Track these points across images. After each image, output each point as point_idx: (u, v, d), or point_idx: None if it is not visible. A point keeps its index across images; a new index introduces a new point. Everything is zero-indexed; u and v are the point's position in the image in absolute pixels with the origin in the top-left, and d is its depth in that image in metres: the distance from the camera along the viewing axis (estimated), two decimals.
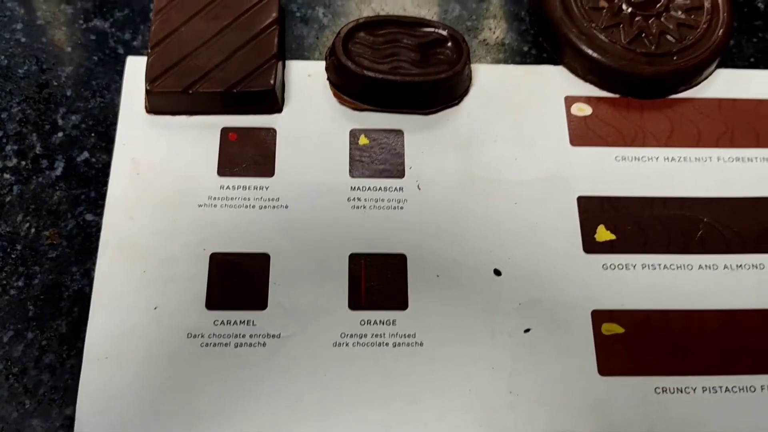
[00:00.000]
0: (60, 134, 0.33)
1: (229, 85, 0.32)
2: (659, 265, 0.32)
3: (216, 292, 0.30)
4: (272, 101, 0.33)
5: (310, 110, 0.34)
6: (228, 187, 0.32)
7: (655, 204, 0.33)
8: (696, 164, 0.34)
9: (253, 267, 0.31)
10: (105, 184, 0.32)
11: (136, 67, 0.34)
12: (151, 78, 0.32)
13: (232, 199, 0.32)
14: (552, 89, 0.35)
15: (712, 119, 0.35)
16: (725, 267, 0.32)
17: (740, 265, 0.32)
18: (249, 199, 0.32)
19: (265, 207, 0.32)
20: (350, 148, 0.33)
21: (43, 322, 0.30)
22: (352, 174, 0.33)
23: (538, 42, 0.36)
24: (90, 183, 0.32)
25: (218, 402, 0.28)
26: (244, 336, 0.29)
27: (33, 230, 0.31)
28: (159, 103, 0.33)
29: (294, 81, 0.35)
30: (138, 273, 0.30)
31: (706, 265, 0.32)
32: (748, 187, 0.33)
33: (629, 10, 0.35)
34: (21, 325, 0.29)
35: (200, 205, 0.32)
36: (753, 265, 0.32)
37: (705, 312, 0.31)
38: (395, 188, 0.33)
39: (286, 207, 0.32)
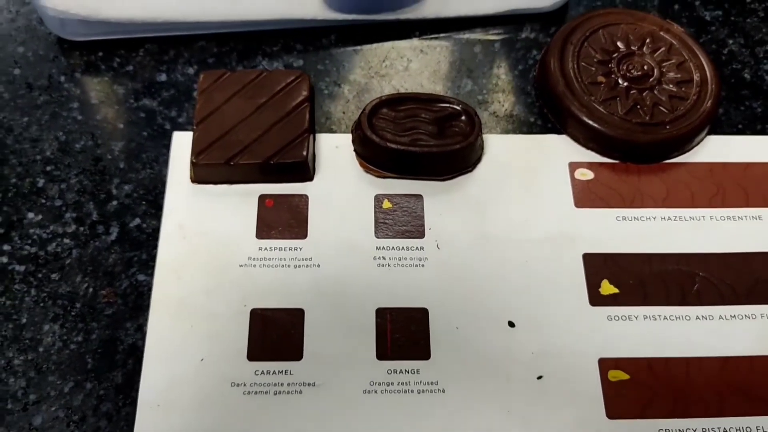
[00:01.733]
0: (114, 202, 0.37)
1: (267, 157, 0.36)
2: (659, 316, 0.35)
3: (256, 344, 0.33)
4: (305, 171, 0.37)
5: (339, 178, 0.38)
6: (265, 249, 0.36)
7: (654, 260, 0.36)
8: (690, 223, 0.37)
9: (289, 321, 0.34)
10: (155, 247, 0.35)
11: (181, 141, 0.38)
12: (197, 151, 0.36)
13: (269, 259, 0.35)
14: (557, 156, 0.39)
15: (704, 182, 0.38)
16: (720, 317, 0.35)
17: (734, 316, 0.35)
18: (284, 259, 0.35)
19: (299, 266, 0.35)
20: (375, 212, 0.37)
21: (100, 374, 0.33)
22: (377, 235, 0.36)
23: (543, 113, 0.40)
24: (141, 246, 0.36)
25: None
26: (282, 384, 0.32)
27: (91, 290, 0.35)
28: (203, 173, 0.37)
29: (323, 152, 0.38)
30: (186, 328, 0.33)
31: (702, 316, 0.35)
32: (739, 244, 0.36)
33: (625, 84, 0.39)
34: (81, 376, 0.33)
35: (241, 265, 0.35)
36: (745, 315, 0.35)
37: (703, 359, 0.33)
38: (416, 248, 0.36)
39: (318, 266, 0.35)
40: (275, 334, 0.33)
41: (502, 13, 0.43)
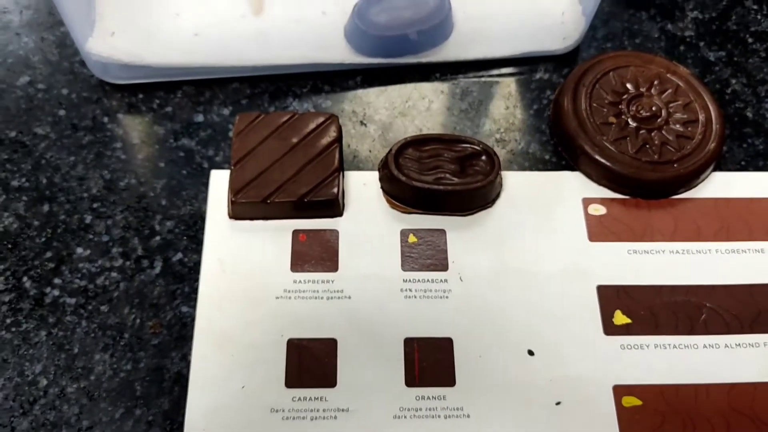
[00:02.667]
0: (157, 238, 0.39)
1: (300, 196, 0.39)
2: (669, 345, 0.37)
3: (293, 372, 0.36)
4: (335, 207, 0.39)
5: (367, 214, 0.40)
6: (300, 282, 0.38)
7: (664, 291, 0.38)
8: (697, 256, 0.39)
9: (324, 350, 0.36)
10: (196, 280, 0.38)
11: (219, 179, 0.41)
12: (235, 190, 0.39)
13: (303, 291, 0.38)
14: (571, 192, 0.41)
15: (710, 216, 0.40)
16: (726, 346, 0.37)
17: (739, 344, 0.37)
18: (318, 291, 0.38)
19: (332, 298, 0.38)
20: (401, 246, 0.39)
21: (148, 400, 0.35)
22: (403, 268, 0.39)
23: (558, 151, 0.43)
24: (184, 279, 0.38)
25: None
26: (318, 410, 0.35)
27: (138, 321, 0.37)
28: (241, 210, 0.39)
29: (352, 189, 0.41)
30: (227, 357, 0.36)
31: (709, 345, 0.37)
32: (743, 275, 0.39)
33: (635, 124, 0.41)
34: (130, 403, 0.35)
35: (277, 298, 0.37)
36: (750, 344, 0.37)
37: (710, 385, 0.36)
38: (441, 280, 0.38)
39: (349, 297, 0.38)
40: (311, 363, 0.36)
41: (518, 56, 0.45)
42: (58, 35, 0.46)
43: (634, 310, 0.38)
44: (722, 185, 0.42)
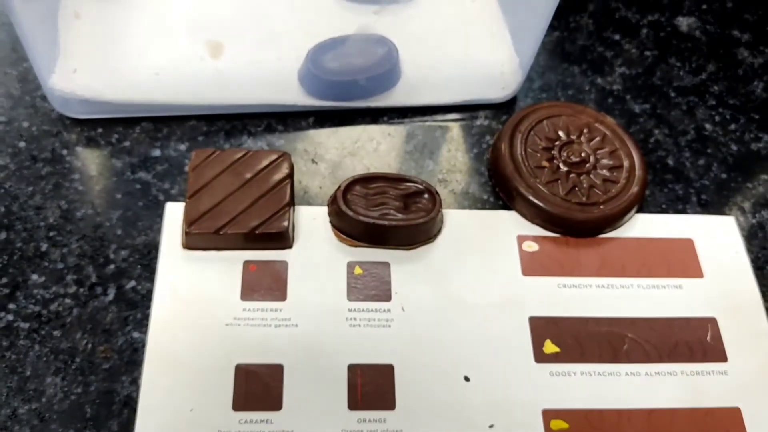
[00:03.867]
0: (112, 266, 0.41)
1: (252, 228, 0.40)
2: (594, 372, 0.40)
3: (240, 396, 0.37)
4: (285, 240, 0.41)
5: (315, 246, 0.42)
6: (249, 310, 0.40)
7: (590, 323, 0.41)
8: (621, 290, 0.42)
9: (270, 375, 0.38)
10: (149, 307, 0.39)
11: (173, 211, 0.42)
12: (189, 222, 0.40)
13: (252, 319, 0.39)
14: (507, 230, 0.44)
15: (633, 254, 0.44)
16: (646, 374, 0.40)
17: (658, 372, 0.40)
18: (266, 319, 0.40)
19: (279, 325, 0.39)
20: (348, 277, 0.41)
21: (98, 423, 0.36)
22: (349, 298, 0.41)
23: (495, 192, 0.46)
24: (137, 306, 0.40)
25: None
26: None
27: (90, 345, 0.38)
28: (194, 241, 0.41)
29: (302, 222, 0.43)
30: (177, 381, 0.37)
31: (631, 372, 0.40)
32: (662, 309, 0.42)
33: (565, 169, 0.45)
34: (80, 424, 0.36)
35: (227, 324, 0.39)
36: (668, 372, 0.40)
37: (632, 410, 0.38)
38: (384, 309, 0.41)
39: (296, 325, 0.39)
40: (257, 387, 0.37)
41: (460, 103, 0.49)
42: (21, 70, 0.48)
43: (563, 339, 0.40)
44: (645, 226, 0.45)
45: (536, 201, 0.43)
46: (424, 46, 0.48)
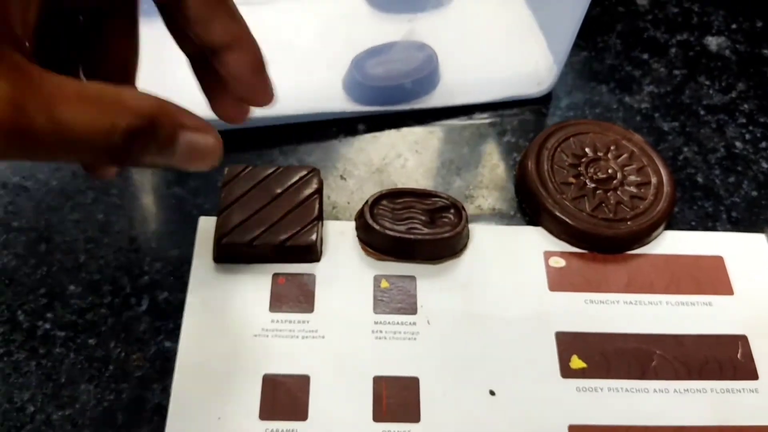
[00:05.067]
0: (146, 278, 0.42)
1: (281, 241, 0.41)
2: (622, 388, 0.39)
3: (267, 405, 0.38)
4: (313, 253, 0.42)
5: (343, 260, 0.43)
6: (277, 321, 0.40)
7: (617, 338, 0.41)
8: (649, 307, 0.42)
9: (297, 386, 0.38)
10: (180, 317, 0.40)
11: (206, 225, 0.44)
12: (221, 234, 0.42)
13: (280, 330, 0.40)
14: (533, 246, 0.44)
15: (661, 271, 0.44)
16: (675, 391, 0.39)
17: (687, 390, 0.39)
18: (293, 331, 0.40)
19: (306, 337, 0.40)
20: (374, 290, 0.42)
21: (129, 429, 0.37)
22: (375, 311, 0.41)
23: (522, 208, 0.46)
24: (169, 317, 0.41)
25: None
26: None
27: (123, 354, 0.39)
28: (225, 253, 0.42)
29: (330, 236, 0.44)
30: (205, 390, 0.38)
31: (659, 389, 0.39)
32: (692, 326, 0.41)
33: (592, 185, 0.45)
34: (112, 430, 0.37)
35: (255, 335, 0.40)
36: (697, 390, 0.39)
37: (660, 427, 0.38)
38: (410, 323, 0.41)
39: (323, 337, 0.40)
40: (284, 397, 0.38)
41: (498, 100, 0.50)
42: None
43: (590, 355, 0.40)
44: (673, 243, 0.45)
45: (562, 217, 0.43)
46: (459, 49, 0.50)
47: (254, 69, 0.32)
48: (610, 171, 0.45)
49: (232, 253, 0.42)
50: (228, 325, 0.40)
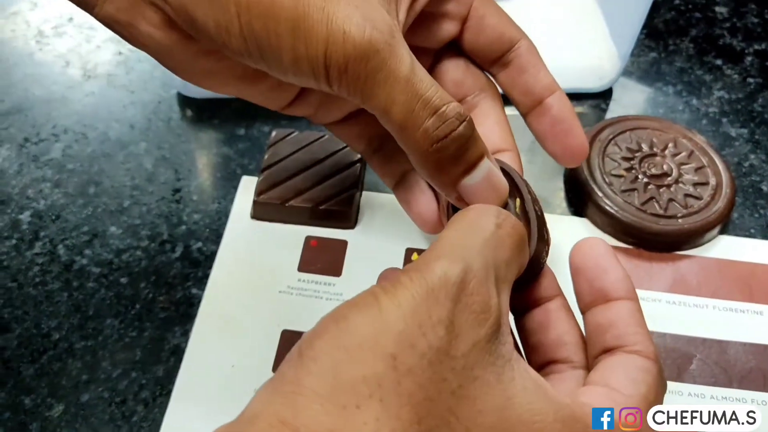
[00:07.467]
0: (183, 227, 0.43)
1: (316, 203, 0.42)
2: None
3: (282, 360, 0.37)
4: (348, 220, 0.42)
5: (377, 230, 0.42)
6: (304, 281, 0.40)
7: (656, 336, 0.38)
8: (694, 309, 0.40)
9: None
10: (210, 267, 0.41)
11: (248, 185, 0.44)
12: (259, 191, 0.42)
13: (305, 290, 0.40)
14: (576, 237, 0.41)
15: (711, 274, 0.41)
16: (711, 397, 0.37)
17: (725, 397, 0.37)
18: (318, 292, 0.40)
19: (331, 299, 0.40)
20: (404, 262, 0.41)
21: (146, 366, 0.37)
22: None
23: (569, 198, 0.44)
24: (199, 265, 0.41)
25: None
26: None
27: (151, 295, 0.40)
28: (262, 211, 0.42)
29: (367, 207, 0.43)
30: (223, 337, 0.38)
31: (695, 394, 0.37)
32: (739, 334, 0.39)
33: (644, 180, 0.43)
34: (129, 365, 0.37)
35: (280, 291, 0.40)
36: (737, 399, 0.37)
37: None
38: None
39: None
40: None
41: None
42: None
43: None
44: (728, 248, 0.42)
45: (608, 208, 0.42)
46: None
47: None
48: (665, 167, 0.43)
49: (268, 212, 0.42)
50: (255, 279, 0.40)
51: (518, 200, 0.30)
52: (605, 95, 0.50)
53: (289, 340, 0.38)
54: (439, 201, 0.35)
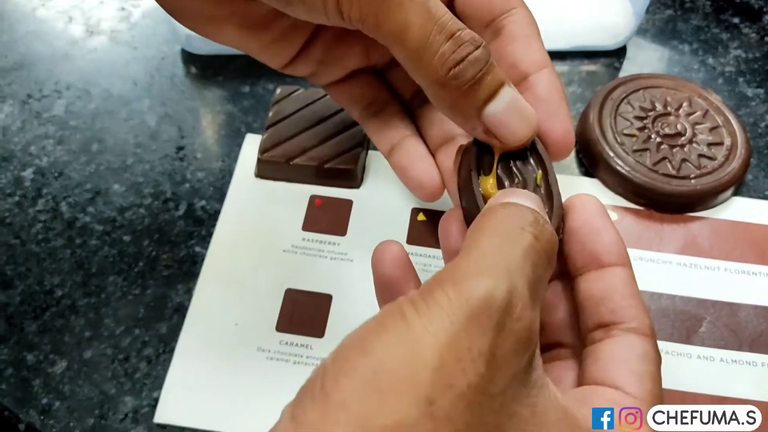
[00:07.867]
0: (187, 185, 0.42)
1: (321, 161, 0.41)
2: (663, 350, 0.36)
3: (285, 318, 0.37)
4: (353, 179, 0.41)
5: (382, 190, 0.42)
6: (308, 240, 0.40)
7: (664, 298, 0.38)
8: (705, 271, 0.39)
9: (318, 304, 0.37)
10: (213, 226, 0.40)
11: (252, 142, 0.44)
12: (263, 149, 0.41)
13: (310, 249, 0.39)
14: None
15: (724, 237, 0.40)
16: (721, 360, 0.36)
17: (735, 360, 0.36)
18: (323, 251, 0.39)
19: (335, 258, 0.39)
20: (410, 222, 0.41)
21: (148, 323, 0.37)
22: (408, 241, 0.40)
23: (579, 158, 0.44)
24: (203, 223, 0.41)
25: (275, 406, 0.34)
26: (302, 357, 0.36)
27: (154, 253, 0.40)
28: (266, 169, 0.42)
29: (373, 166, 0.43)
30: (227, 295, 0.38)
31: (704, 356, 0.36)
32: (750, 296, 0.38)
33: (657, 139, 0.42)
34: (132, 323, 0.37)
35: (284, 251, 0.39)
36: (747, 362, 0.36)
37: (699, 395, 0.35)
38: (440, 257, 0.39)
39: (351, 261, 0.39)
40: (303, 313, 0.37)
41: (573, 49, 0.48)
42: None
43: None
44: (741, 209, 0.41)
45: (619, 168, 0.41)
46: None
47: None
48: (679, 127, 0.42)
49: (272, 170, 0.42)
50: (259, 237, 0.40)
51: (541, 172, 0.28)
52: (619, 53, 0.48)
53: (292, 298, 0.38)
54: (440, 169, 0.33)
